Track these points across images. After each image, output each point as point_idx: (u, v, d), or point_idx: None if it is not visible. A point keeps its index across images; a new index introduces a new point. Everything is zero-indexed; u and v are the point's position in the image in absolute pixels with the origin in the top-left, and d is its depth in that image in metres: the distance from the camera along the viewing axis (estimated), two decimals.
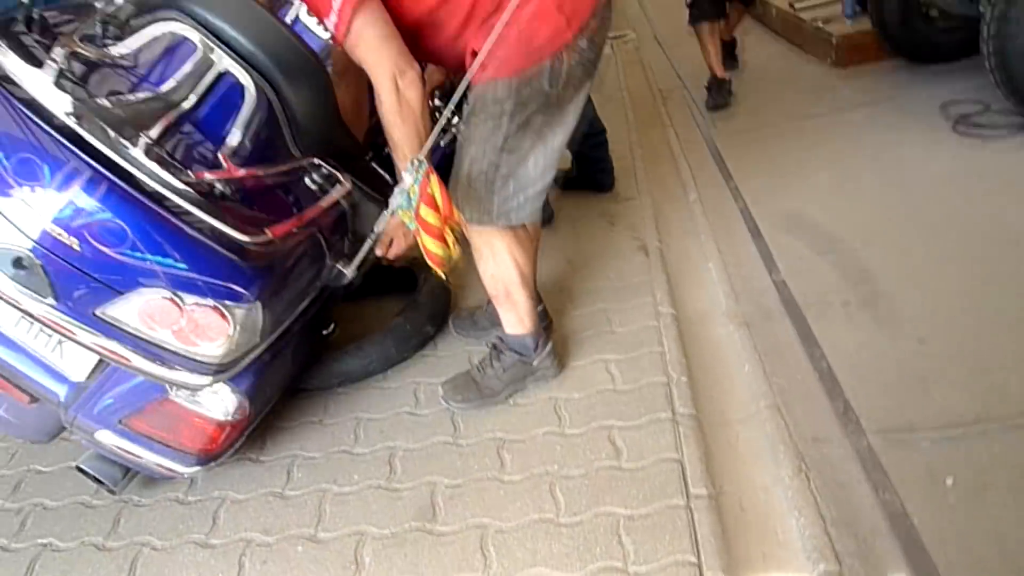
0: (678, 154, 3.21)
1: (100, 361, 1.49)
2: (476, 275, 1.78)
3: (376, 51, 1.41)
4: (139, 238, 1.17)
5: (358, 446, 1.81)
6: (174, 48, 1.33)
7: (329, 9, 1.37)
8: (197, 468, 1.64)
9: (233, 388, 1.55)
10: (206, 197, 1.22)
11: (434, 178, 1.33)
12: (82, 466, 1.67)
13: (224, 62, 1.32)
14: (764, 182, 2.79)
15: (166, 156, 1.20)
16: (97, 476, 1.67)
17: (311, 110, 1.43)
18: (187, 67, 1.29)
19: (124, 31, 1.35)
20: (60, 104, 1.14)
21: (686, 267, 2.32)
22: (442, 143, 1.89)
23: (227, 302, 1.28)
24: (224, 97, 1.33)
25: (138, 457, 1.60)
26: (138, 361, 1.31)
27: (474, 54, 1.51)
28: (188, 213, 1.20)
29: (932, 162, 2.67)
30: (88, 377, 1.52)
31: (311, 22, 2.39)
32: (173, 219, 1.19)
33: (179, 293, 1.24)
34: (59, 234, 1.16)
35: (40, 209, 1.16)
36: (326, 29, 1.43)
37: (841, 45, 3.78)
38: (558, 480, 1.57)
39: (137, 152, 1.16)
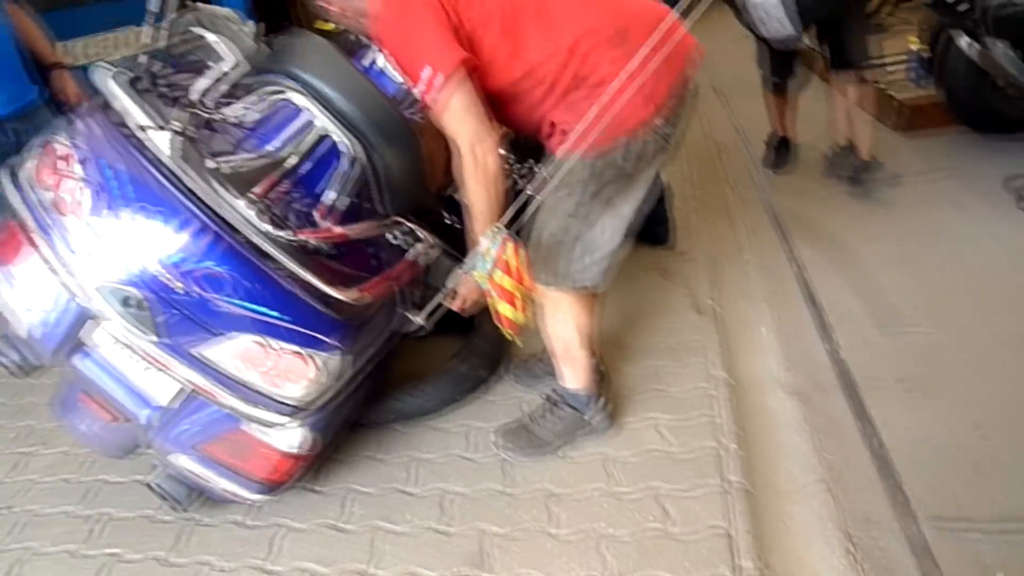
0: (734, 211, 3.24)
1: (182, 389, 1.58)
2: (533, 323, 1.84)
3: (459, 119, 1.48)
4: (238, 287, 1.26)
5: (411, 485, 1.87)
6: (279, 110, 1.43)
7: (418, 79, 1.45)
8: (261, 496, 1.73)
9: (301, 423, 1.63)
10: (302, 252, 1.31)
11: (511, 245, 1.40)
12: (153, 484, 1.77)
13: (325, 125, 1.42)
14: (821, 247, 2.80)
15: (269, 212, 1.29)
16: (166, 494, 1.77)
17: (400, 171, 1.52)
18: (291, 129, 1.40)
19: (236, 90, 1.45)
20: (181, 162, 1.24)
21: (739, 330, 2.35)
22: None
23: (312, 349, 1.36)
24: (323, 158, 1.43)
25: (208, 481, 1.69)
26: (226, 397, 1.40)
27: (552, 125, 1.59)
28: (285, 266, 1.28)
29: (995, 239, 2.66)
30: (170, 403, 1.61)
31: (388, 67, 2.52)
32: (271, 271, 1.28)
33: (269, 339, 1.33)
34: (167, 278, 1.26)
35: (152, 254, 1.26)
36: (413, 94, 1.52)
37: (905, 109, 3.77)
38: (606, 539, 1.61)
39: (243, 208, 1.26)
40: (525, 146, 2.09)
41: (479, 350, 2.21)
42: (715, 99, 5.10)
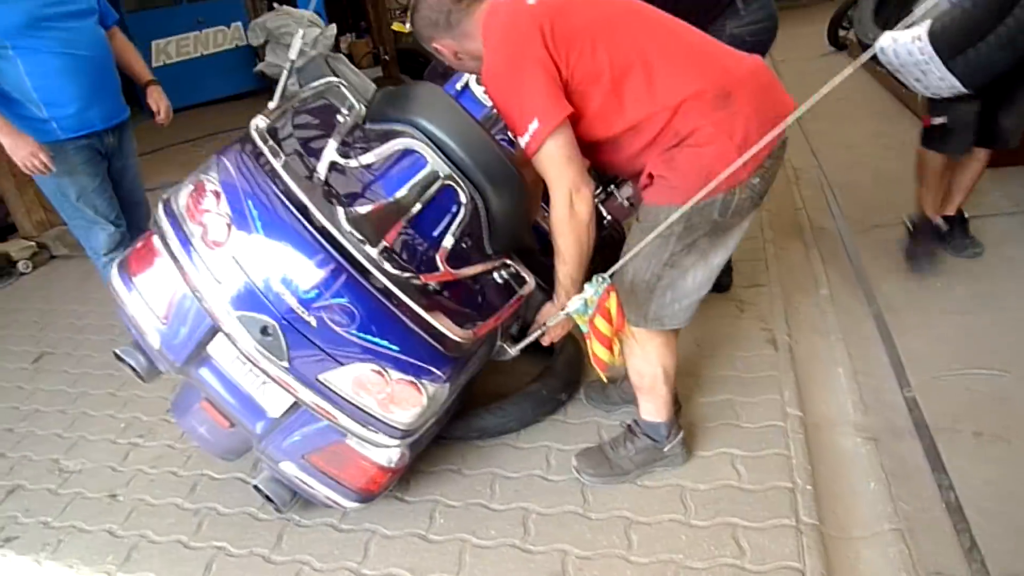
0: (810, 242, 3.25)
1: (294, 403, 1.72)
2: None
3: (559, 168, 1.55)
4: (365, 322, 1.39)
5: (494, 502, 1.98)
6: (404, 157, 1.55)
7: (525, 131, 1.52)
8: (356, 504, 1.85)
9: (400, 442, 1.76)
10: (423, 293, 1.43)
11: (614, 295, 1.49)
12: (259, 485, 1.92)
13: (446, 174, 1.53)
14: (899, 285, 2.80)
15: (396, 257, 1.41)
16: (270, 496, 1.92)
17: (508, 216, 1.62)
18: (417, 177, 1.51)
19: (367, 137, 1.58)
20: (319, 206, 1.37)
21: (814, 367, 2.39)
22: None
23: (424, 380, 1.48)
24: (443, 205, 1.55)
25: (310, 487, 1.82)
26: (343, 419, 1.54)
27: (650, 176, 1.66)
28: (407, 306, 1.40)
29: None
30: (282, 415, 1.76)
31: (479, 91, 2.64)
32: (395, 309, 1.41)
33: (387, 368, 1.45)
34: (302, 312, 1.40)
35: (289, 288, 1.39)
36: (517, 144, 1.61)
37: None
38: (682, 570, 1.68)
39: (374, 252, 1.38)
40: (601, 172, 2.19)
41: (559, 374, 2.31)
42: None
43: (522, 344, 1.71)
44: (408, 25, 10.02)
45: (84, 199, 2.72)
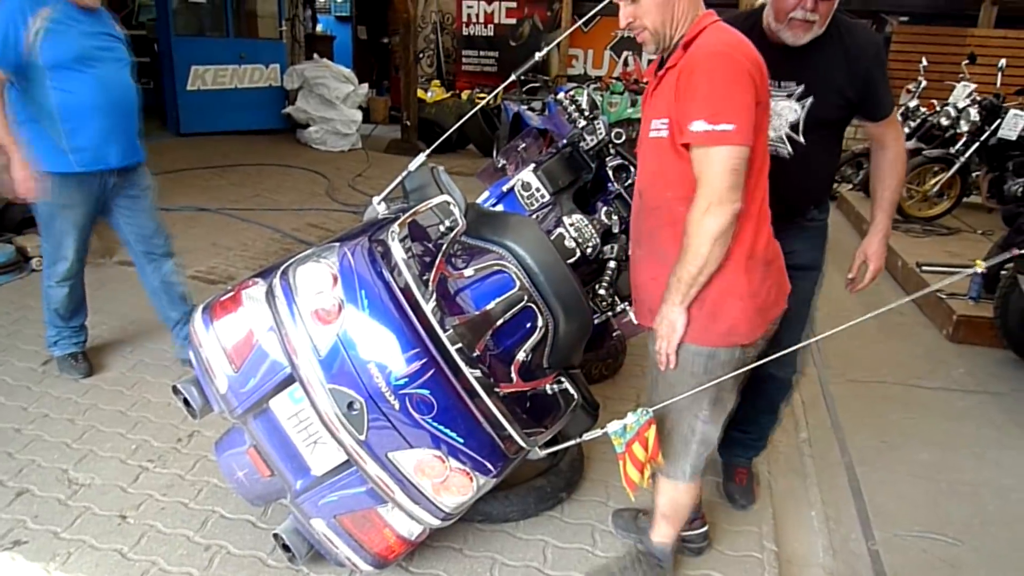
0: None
1: (337, 466, 1.87)
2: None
3: (718, 174, 1.52)
4: (441, 414, 1.58)
5: None
6: (496, 275, 1.78)
7: (713, 122, 1.50)
8: (371, 568, 1.99)
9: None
10: (498, 399, 1.63)
11: (653, 428, 1.70)
12: (281, 534, 2.04)
13: (530, 296, 1.76)
14: (870, 441, 3.07)
15: (481, 366, 1.62)
16: (289, 546, 2.04)
17: (572, 340, 1.85)
18: (506, 295, 1.74)
19: (463, 249, 1.81)
20: (429, 313, 1.57)
21: (790, 506, 2.61)
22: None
23: (478, 472, 1.66)
24: (522, 323, 1.77)
25: (334, 546, 1.95)
26: (398, 495, 1.70)
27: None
28: (483, 406, 1.60)
29: None
30: (323, 475, 1.90)
31: (523, 196, 2.91)
32: (470, 407, 1.60)
33: (448, 457, 1.63)
34: (388, 394, 1.58)
35: (384, 373, 1.58)
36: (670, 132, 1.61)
37: (960, 323, 4.10)
38: None
39: (464, 358, 1.58)
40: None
41: (562, 473, 2.49)
42: None
43: (556, 449, 1.90)
44: (431, 95, 10.53)
45: (67, 233, 2.93)
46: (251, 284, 1.97)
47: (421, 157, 1.94)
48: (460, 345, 1.58)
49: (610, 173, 3.10)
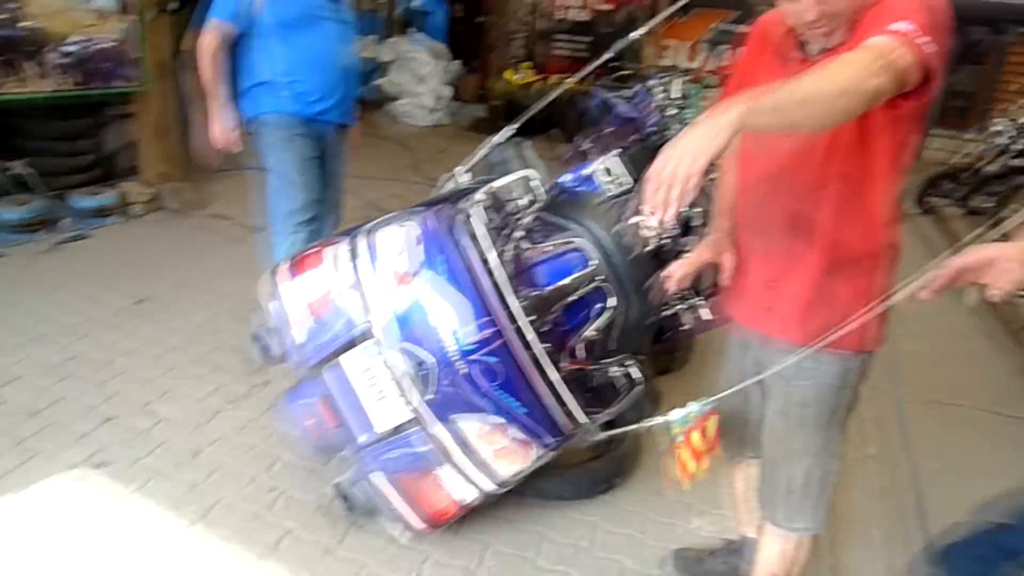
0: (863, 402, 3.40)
1: (401, 425, 1.93)
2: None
3: (888, 63, 1.18)
4: (506, 383, 1.61)
5: (540, 559, 2.15)
6: (571, 253, 1.79)
7: (912, 33, 1.20)
8: (423, 527, 2.04)
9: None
10: (559, 373, 1.65)
11: (715, 418, 1.68)
12: (341, 484, 2.12)
13: (603, 277, 1.76)
14: (942, 466, 2.93)
15: (547, 336, 1.64)
16: (347, 496, 2.12)
17: (640, 324, 1.84)
18: (579, 272, 1.75)
19: (541, 225, 1.82)
20: (503, 283, 1.60)
21: (852, 522, 2.53)
22: None
23: (536, 443, 1.69)
24: (592, 302, 1.78)
25: (390, 501, 2.02)
26: (457, 457, 1.74)
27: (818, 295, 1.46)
28: (547, 379, 1.62)
29: None
30: (386, 432, 1.96)
31: (604, 181, 2.89)
32: (534, 379, 1.62)
33: (510, 425, 1.66)
34: (457, 359, 1.62)
35: (456, 339, 1.62)
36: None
37: None
38: None
39: (533, 330, 1.60)
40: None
41: (618, 459, 2.49)
42: None
43: (614, 433, 1.90)
44: (520, 77, 10.52)
45: (295, 168, 2.94)
46: (334, 243, 2.04)
47: (507, 131, 1.96)
48: (531, 317, 1.60)
49: None
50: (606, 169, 2.95)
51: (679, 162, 1.12)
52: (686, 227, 2.71)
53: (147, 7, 4.36)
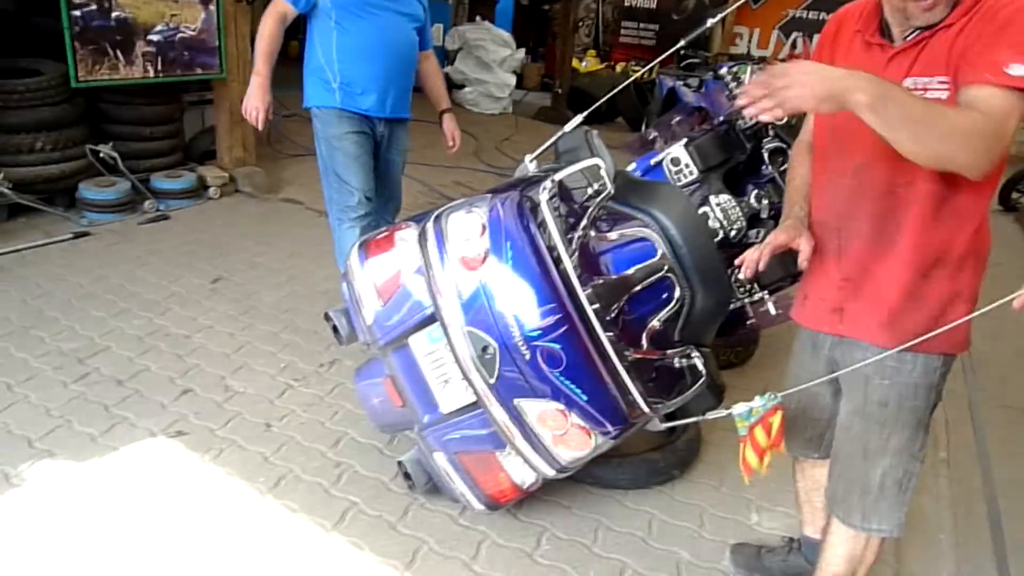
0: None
1: (464, 407, 1.97)
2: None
3: (1007, 118, 1.21)
4: (568, 368, 1.63)
5: (596, 546, 2.17)
6: (638, 242, 1.80)
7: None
8: (482, 507, 2.09)
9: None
10: (624, 361, 1.66)
11: (780, 414, 1.66)
12: (404, 462, 2.19)
13: (670, 267, 1.77)
14: (1018, 474, 2.82)
15: (613, 326, 1.65)
16: (410, 474, 2.19)
17: (707, 316, 1.84)
18: (646, 262, 1.75)
19: (608, 214, 1.83)
20: (570, 270, 1.62)
21: (918, 525, 2.46)
22: None
23: (597, 431, 1.71)
24: (659, 291, 1.78)
25: (451, 480, 2.07)
26: (519, 440, 1.78)
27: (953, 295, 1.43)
28: (610, 366, 1.63)
29: None
30: (450, 413, 2.01)
31: (671, 171, 2.87)
32: (598, 366, 1.64)
33: (571, 412, 1.69)
34: (521, 344, 1.65)
35: (520, 324, 1.65)
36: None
37: None
38: None
39: (599, 318, 1.62)
40: None
41: (678, 451, 2.49)
42: None
43: (673, 423, 1.90)
44: (585, 64, 10.46)
45: (346, 166, 2.95)
46: (404, 227, 2.10)
47: (577, 119, 1.97)
48: (596, 305, 1.62)
49: (765, 156, 2.99)
50: (673, 159, 2.92)
51: (789, 86, 1.16)
52: (753, 219, 2.67)
53: None
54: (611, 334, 1.65)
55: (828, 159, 1.53)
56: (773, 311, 2.57)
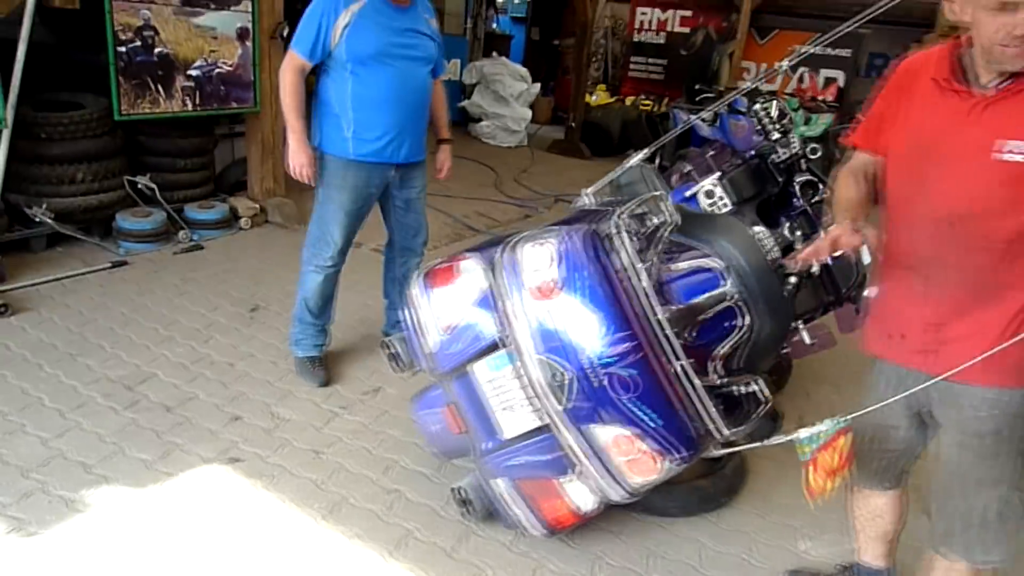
0: None
1: (526, 432, 2.02)
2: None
3: None
4: (643, 396, 1.68)
5: (651, 574, 2.20)
6: (703, 272, 1.86)
7: None
8: (541, 533, 2.13)
9: (599, 497, 2.02)
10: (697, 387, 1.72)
11: (848, 436, 1.70)
12: (464, 488, 2.22)
13: (735, 296, 1.83)
14: None
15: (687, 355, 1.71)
16: (467, 501, 2.22)
17: (770, 344, 1.89)
18: (713, 291, 1.82)
19: (670, 248, 1.90)
20: (649, 297, 1.68)
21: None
22: None
23: (668, 456, 1.75)
24: (723, 319, 1.84)
25: (511, 506, 2.11)
26: (587, 465, 1.82)
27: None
28: (684, 392, 1.69)
29: None
30: (512, 439, 2.05)
31: (705, 203, 2.94)
32: (671, 392, 1.69)
33: (642, 437, 1.73)
34: (593, 371, 1.71)
35: (592, 350, 1.71)
36: None
37: None
38: None
39: (677, 343, 1.68)
40: None
41: (726, 478, 2.52)
42: None
43: (731, 451, 1.95)
44: (595, 99, 10.64)
45: (336, 218, 2.91)
46: (465, 257, 2.16)
47: (637, 157, 2.05)
48: (675, 332, 1.67)
49: (797, 189, 3.07)
50: (707, 191, 3.01)
51: None
52: (786, 250, 2.72)
53: (262, 33, 4.64)
54: (685, 360, 1.70)
55: (912, 204, 1.54)
56: (808, 340, 2.62)
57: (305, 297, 3.06)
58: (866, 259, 1.58)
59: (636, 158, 2.05)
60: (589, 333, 1.71)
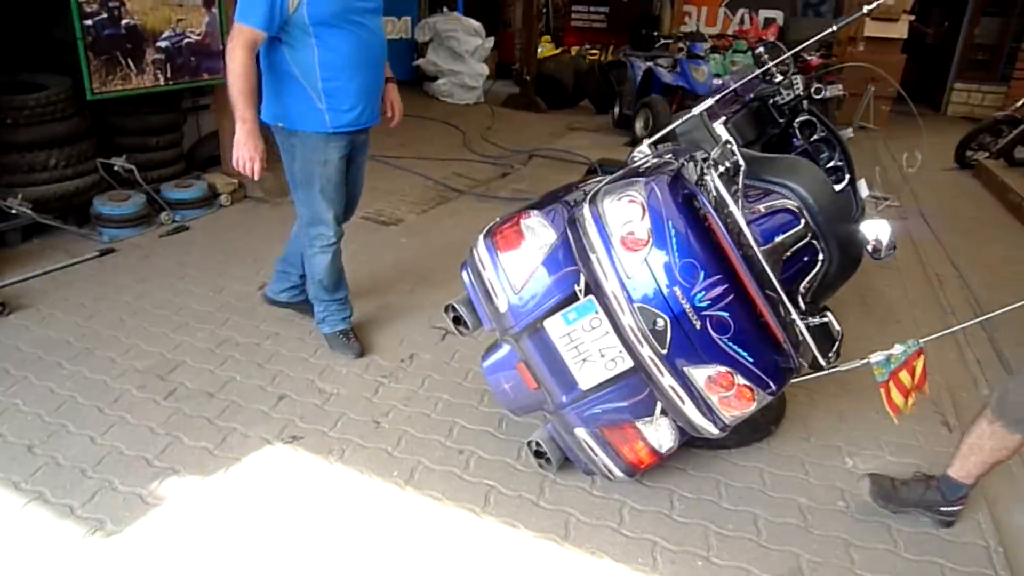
0: (963, 344, 3.56)
1: (603, 382, 2.08)
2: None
3: None
4: (736, 334, 1.77)
5: (724, 502, 2.33)
6: (781, 213, 1.94)
7: None
8: (623, 474, 2.22)
9: (677, 435, 2.12)
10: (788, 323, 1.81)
11: (923, 358, 1.84)
12: (539, 441, 2.29)
13: (812, 233, 1.92)
14: None
15: (778, 287, 1.79)
16: (543, 453, 2.29)
17: (842, 276, 2.00)
18: (792, 230, 1.90)
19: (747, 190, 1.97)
20: (746, 238, 1.75)
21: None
22: None
23: (760, 389, 1.85)
24: (802, 257, 1.93)
25: (592, 452, 2.19)
26: (687, 405, 1.90)
27: None
28: (780, 327, 1.77)
29: None
30: (590, 389, 2.11)
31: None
32: (763, 329, 1.78)
33: (737, 374, 1.82)
34: (692, 316, 1.78)
35: (689, 297, 1.77)
36: None
37: None
38: None
39: (775, 278, 1.76)
40: None
41: (773, 409, 2.66)
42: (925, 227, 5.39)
43: (809, 377, 2.06)
44: (542, 50, 10.57)
45: (324, 191, 2.79)
46: (528, 215, 2.18)
47: (700, 107, 2.10)
48: (769, 272, 1.75)
49: (796, 130, 3.18)
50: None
51: None
52: None
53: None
54: (775, 297, 1.78)
55: None
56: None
57: (318, 279, 2.98)
58: None
59: (698, 108, 2.09)
60: (684, 279, 1.78)
